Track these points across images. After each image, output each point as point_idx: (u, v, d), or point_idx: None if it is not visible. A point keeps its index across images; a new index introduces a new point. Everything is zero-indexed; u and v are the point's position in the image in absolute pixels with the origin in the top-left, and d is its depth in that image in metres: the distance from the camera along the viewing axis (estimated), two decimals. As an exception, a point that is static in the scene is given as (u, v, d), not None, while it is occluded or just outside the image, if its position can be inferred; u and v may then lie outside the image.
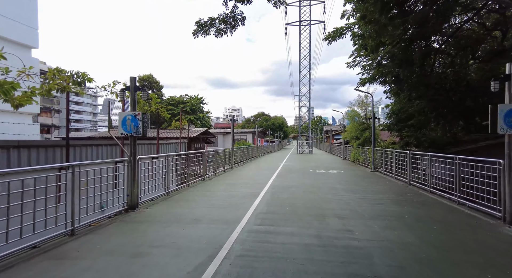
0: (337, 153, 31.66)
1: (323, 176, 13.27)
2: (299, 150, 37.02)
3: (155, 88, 73.84)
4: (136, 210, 6.68)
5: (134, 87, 6.74)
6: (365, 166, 17.69)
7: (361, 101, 19.90)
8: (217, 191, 9.31)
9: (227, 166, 16.46)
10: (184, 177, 11.02)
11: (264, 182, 11.00)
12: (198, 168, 11.92)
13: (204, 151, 11.61)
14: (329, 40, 12.53)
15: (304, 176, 13.05)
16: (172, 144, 13.39)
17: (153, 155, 9.72)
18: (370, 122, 19.76)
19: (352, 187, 9.99)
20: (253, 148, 26.22)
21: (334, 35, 12.20)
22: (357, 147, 19.96)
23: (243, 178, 12.38)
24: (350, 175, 13.75)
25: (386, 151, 13.86)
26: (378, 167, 15.28)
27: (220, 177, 12.94)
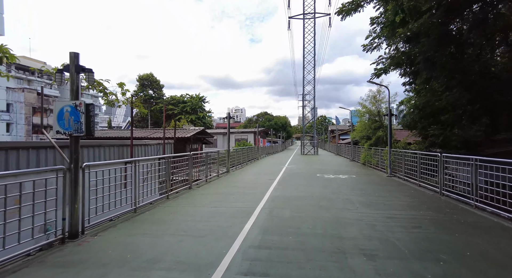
0: (344, 154, 29.58)
1: (332, 182, 11.27)
2: (303, 150, 35.01)
3: (155, 88, 72.27)
4: (78, 239, 4.76)
5: (76, 66, 4.81)
6: (379, 169, 15.64)
7: (373, 97, 17.87)
8: (201, 205, 7.36)
9: (222, 170, 14.53)
10: (174, 182, 9.11)
11: (262, 191, 9.04)
12: (186, 174, 10.03)
13: (190, 154, 9.68)
14: (343, 15, 10.49)
15: (310, 183, 11.06)
16: (153, 145, 11.49)
17: (110, 161, 7.72)
18: (384, 120, 17.72)
19: (371, 199, 7.98)
20: (254, 149, 24.27)
21: (349, 8, 10.14)
22: (369, 148, 17.91)
23: (238, 186, 10.43)
24: (365, 181, 11.73)
25: (406, 153, 11.83)
26: (396, 171, 13.25)
27: (212, 184, 10.99)
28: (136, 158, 6.71)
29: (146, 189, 7.34)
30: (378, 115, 17.77)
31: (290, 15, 35.03)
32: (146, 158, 7.66)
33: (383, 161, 14.81)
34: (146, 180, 7.43)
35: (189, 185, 9.79)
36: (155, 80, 72.04)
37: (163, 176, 8.22)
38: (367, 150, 18.18)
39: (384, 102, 17.63)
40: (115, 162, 6.53)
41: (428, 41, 8.04)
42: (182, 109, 67.24)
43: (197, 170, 11.37)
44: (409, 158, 11.49)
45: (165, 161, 8.13)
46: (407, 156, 11.72)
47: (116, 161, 6.68)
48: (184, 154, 9.53)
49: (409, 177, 11.45)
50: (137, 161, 6.57)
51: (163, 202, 7.72)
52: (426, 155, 9.82)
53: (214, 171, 13.18)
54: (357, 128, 21.35)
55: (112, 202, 5.92)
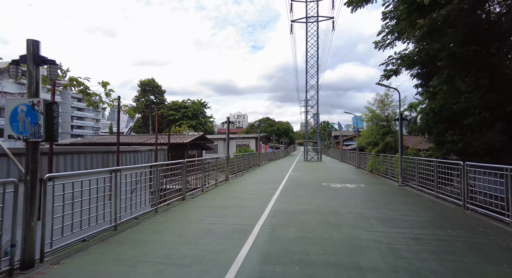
0: (349, 160, 28.57)
1: (340, 192, 10.30)
2: (306, 157, 34.03)
3: (156, 93, 71.81)
4: (33, 269, 3.85)
5: (35, 57, 3.95)
6: (389, 177, 14.64)
7: (380, 101, 16.96)
8: (192, 221, 6.43)
9: (221, 178, 13.61)
10: (167, 192, 8.22)
11: (263, 204, 8.10)
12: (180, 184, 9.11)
13: (183, 161, 8.77)
14: (354, 6, 9.60)
15: (315, 193, 10.10)
16: (144, 152, 10.59)
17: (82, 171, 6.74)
18: (392, 125, 16.78)
19: (387, 213, 7.01)
20: (255, 155, 23.35)
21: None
22: (376, 154, 16.93)
23: (237, 197, 9.49)
24: (375, 191, 10.75)
25: (420, 161, 10.86)
26: (408, 180, 12.25)
27: (209, 194, 10.06)
28: (118, 167, 5.82)
29: (133, 201, 6.45)
30: (386, 120, 16.83)
31: (292, 19, 34.40)
32: (129, 166, 6.78)
33: (393, 169, 13.83)
34: (135, 191, 6.54)
35: (182, 196, 8.87)
36: (157, 85, 71.63)
37: (153, 186, 7.32)
38: (375, 156, 17.21)
39: (392, 106, 16.71)
40: (89, 172, 5.61)
41: (456, 32, 7.08)
42: (184, 114, 66.57)
43: (194, 178, 10.45)
44: (423, 166, 10.52)
45: (154, 169, 7.23)
46: (421, 163, 10.75)
47: (93, 170, 5.79)
48: (177, 161, 8.62)
49: (424, 186, 10.46)
50: (117, 170, 5.67)
51: (151, 216, 6.80)
52: (445, 163, 8.85)
53: (212, 179, 12.26)
54: (363, 134, 20.39)
55: (86, 219, 5.01)
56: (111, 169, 5.62)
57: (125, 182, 6.16)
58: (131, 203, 6.32)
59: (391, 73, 12.27)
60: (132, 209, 6.41)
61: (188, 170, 9.60)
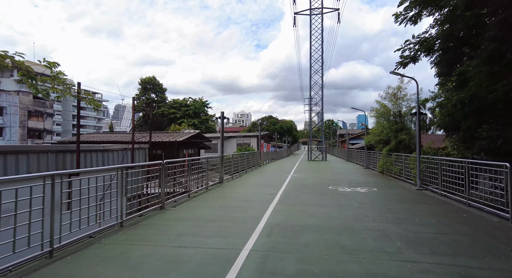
0: (356, 160, 26.89)
1: (351, 198, 8.71)
2: (310, 156, 32.38)
3: (157, 91, 70.47)
4: None
5: None
6: (403, 179, 12.98)
7: (392, 94, 15.28)
8: (160, 243, 4.88)
9: (214, 180, 12.08)
10: (143, 200, 6.74)
11: (257, 215, 6.54)
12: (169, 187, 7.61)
13: (161, 162, 7.24)
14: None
15: (321, 200, 8.51)
16: (117, 151, 9.07)
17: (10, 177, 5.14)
18: (406, 121, 15.11)
19: (415, 231, 5.41)
20: (255, 154, 21.78)
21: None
22: (388, 154, 15.27)
23: (227, 205, 7.94)
24: (392, 197, 9.12)
25: (443, 161, 9.22)
26: (427, 183, 10.62)
27: (195, 201, 8.53)
28: (57, 172, 4.29)
29: (91, 212, 4.96)
30: (399, 115, 15.15)
31: (296, 11, 32.72)
32: (79, 170, 5.26)
33: (409, 170, 12.17)
34: (95, 199, 5.05)
35: (160, 204, 7.34)
36: (158, 83, 70.30)
37: (138, 189, 5.81)
38: (386, 156, 15.55)
39: (406, 100, 15.03)
40: (15, 178, 4.10)
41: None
42: (185, 113, 65.15)
43: (180, 182, 8.94)
44: (448, 167, 8.90)
45: (118, 173, 5.71)
46: (445, 164, 9.12)
47: (20, 176, 4.28)
48: (153, 162, 7.09)
49: (450, 191, 8.83)
50: (54, 176, 4.15)
51: (112, 233, 5.29)
52: (481, 165, 7.21)
53: (203, 182, 10.74)
54: (373, 131, 18.72)
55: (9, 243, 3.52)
56: (44, 174, 4.10)
57: (80, 189, 4.67)
58: (87, 216, 4.83)
59: (408, 61, 10.64)
60: (84, 225, 4.90)
61: (171, 173, 8.08)
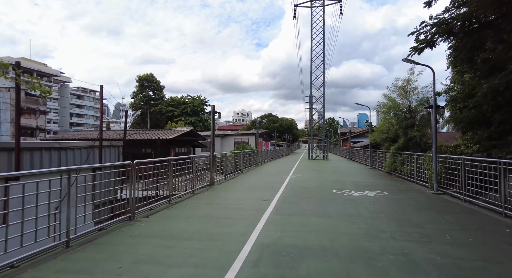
0: (359, 159, 25.52)
1: (360, 206, 7.36)
2: (311, 155, 31.03)
3: (155, 89, 69.03)
4: None
5: None
6: (415, 181, 11.61)
7: (401, 88, 13.91)
8: (108, 275, 3.55)
9: (203, 183, 10.74)
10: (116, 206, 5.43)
11: (245, 231, 5.20)
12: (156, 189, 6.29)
13: (130, 163, 5.89)
14: None
15: (325, 208, 7.16)
16: (80, 149, 7.69)
17: None
18: (417, 117, 13.75)
19: (454, 256, 4.06)
20: (253, 153, 20.43)
21: None
22: (396, 153, 13.91)
23: (211, 215, 6.59)
24: (408, 204, 7.76)
25: (467, 161, 7.87)
26: (446, 186, 9.26)
27: (174, 209, 7.20)
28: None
29: (30, 228, 3.64)
30: (409, 110, 13.78)
31: (296, 3, 31.27)
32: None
33: (423, 171, 10.81)
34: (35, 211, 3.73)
35: (130, 214, 6.01)
36: (155, 80, 68.83)
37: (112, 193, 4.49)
38: (394, 155, 14.19)
39: (416, 93, 13.66)
40: None
41: None
42: (183, 111, 63.76)
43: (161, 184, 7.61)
44: (474, 168, 7.56)
45: (71, 177, 4.38)
46: (470, 165, 7.77)
47: None
48: (119, 163, 5.76)
49: (477, 197, 7.49)
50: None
51: (48, 258, 3.96)
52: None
53: (189, 185, 9.40)
54: (378, 128, 17.38)
55: None
56: None
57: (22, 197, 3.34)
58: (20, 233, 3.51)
59: (424, 46, 9.27)
60: (10, 248, 3.59)
61: (148, 175, 6.75)
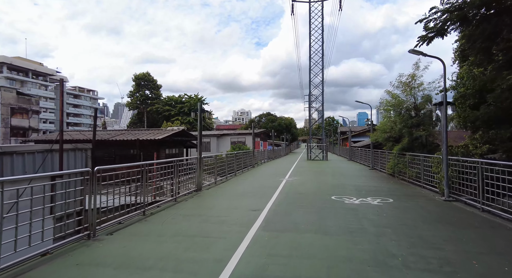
0: (360, 159, 24.52)
1: (363, 217, 6.36)
2: (310, 155, 30.03)
3: (152, 88, 67.92)
4: None
5: None
6: (422, 185, 10.61)
7: (405, 84, 12.91)
8: None
9: (188, 189, 9.74)
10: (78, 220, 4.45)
11: (221, 257, 4.19)
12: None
13: (87, 171, 4.89)
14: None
15: (322, 222, 6.15)
16: (36, 153, 6.62)
17: None
18: (425, 115, 12.75)
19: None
20: (248, 154, 19.40)
21: None
22: (400, 154, 12.91)
23: (187, 232, 5.58)
24: (419, 216, 6.74)
25: (485, 165, 6.88)
26: (459, 192, 8.26)
27: (145, 224, 6.19)
28: None
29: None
30: (414, 107, 12.78)
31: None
32: None
33: (432, 175, 9.81)
34: None
35: (89, 232, 5.01)
36: (152, 79, 67.72)
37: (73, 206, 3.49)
38: (398, 156, 13.19)
39: (422, 90, 12.65)
40: None
41: None
42: (180, 110, 62.70)
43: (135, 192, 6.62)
44: (494, 173, 6.57)
45: None
46: (488, 170, 6.77)
47: None
48: (73, 171, 4.77)
49: (498, 207, 6.51)
50: None
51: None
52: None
53: (176, 191, 8.40)
54: (380, 127, 16.38)
55: None
56: None
57: None
58: None
59: (433, 35, 8.26)
60: None
61: (119, 182, 5.74)
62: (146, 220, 6.34)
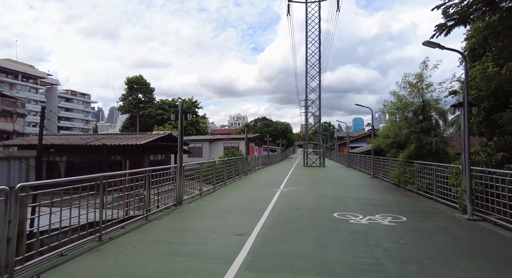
0: (359, 166, 23.22)
1: (374, 246, 4.99)
2: (307, 161, 28.68)
3: (145, 91, 66.31)
4: None
5: None
6: (434, 198, 9.29)
7: (412, 85, 11.67)
8: None
9: (165, 203, 8.32)
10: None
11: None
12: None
13: (4, 189, 3.50)
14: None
15: (323, 253, 4.77)
16: None
17: None
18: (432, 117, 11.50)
19: None
20: (241, 161, 17.98)
21: None
22: (407, 162, 11.60)
23: (143, 273, 4.17)
24: (444, 243, 5.35)
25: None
26: (484, 209, 6.95)
27: (100, 253, 4.76)
28: None
29: None
30: (423, 111, 11.52)
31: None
32: None
33: (447, 187, 8.49)
34: None
35: (8, 271, 3.58)
36: (145, 83, 66.16)
37: None
38: (405, 165, 11.88)
39: (431, 91, 11.41)
40: None
41: None
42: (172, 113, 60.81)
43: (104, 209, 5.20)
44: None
45: None
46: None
47: None
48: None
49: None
50: None
51: None
52: None
53: (147, 207, 6.98)
54: (383, 132, 15.14)
55: None
56: None
57: None
58: None
59: (454, 23, 7.02)
60: None
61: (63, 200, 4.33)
62: (98, 249, 4.91)
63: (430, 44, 7.49)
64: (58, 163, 16.43)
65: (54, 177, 15.46)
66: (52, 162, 16.43)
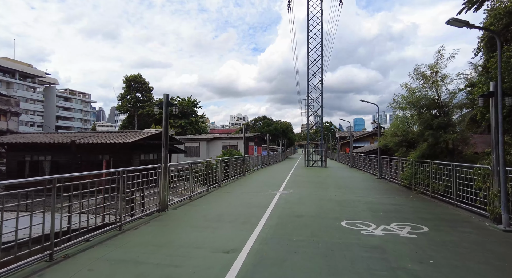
0: (363, 166, 22.06)
1: (397, 269, 3.88)
2: (308, 161, 27.53)
3: (143, 90, 65.28)
4: None
5: None
6: (454, 203, 8.16)
7: (425, 77, 10.53)
8: None
9: (147, 209, 7.22)
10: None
11: None
12: None
13: None
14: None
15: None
16: None
17: None
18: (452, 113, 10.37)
19: None
20: (238, 161, 16.84)
21: None
22: (420, 162, 10.46)
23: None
24: (485, 263, 4.21)
25: None
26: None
27: (48, 276, 3.66)
28: None
29: None
30: (437, 104, 10.36)
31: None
32: None
33: (471, 191, 7.36)
34: None
35: None
36: (143, 82, 65.12)
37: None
38: (415, 164, 10.74)
39: (447, 83, 10.27)
40: None
41: None
42: (171, 113, 59.71)
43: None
44: None
45: None
46: None
47: None
48: None
49: None
50: None
51: None
52: None
53: (120, 216, 5.88)
54: (390, 130, 14.01)
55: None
56: None
57: None
58: None
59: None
60: None
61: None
62: (41, 274, 3.80)
63: (456, 22, 6.36)
64: (42, 162, 15.36)
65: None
66: (35, 162, 15.34)
